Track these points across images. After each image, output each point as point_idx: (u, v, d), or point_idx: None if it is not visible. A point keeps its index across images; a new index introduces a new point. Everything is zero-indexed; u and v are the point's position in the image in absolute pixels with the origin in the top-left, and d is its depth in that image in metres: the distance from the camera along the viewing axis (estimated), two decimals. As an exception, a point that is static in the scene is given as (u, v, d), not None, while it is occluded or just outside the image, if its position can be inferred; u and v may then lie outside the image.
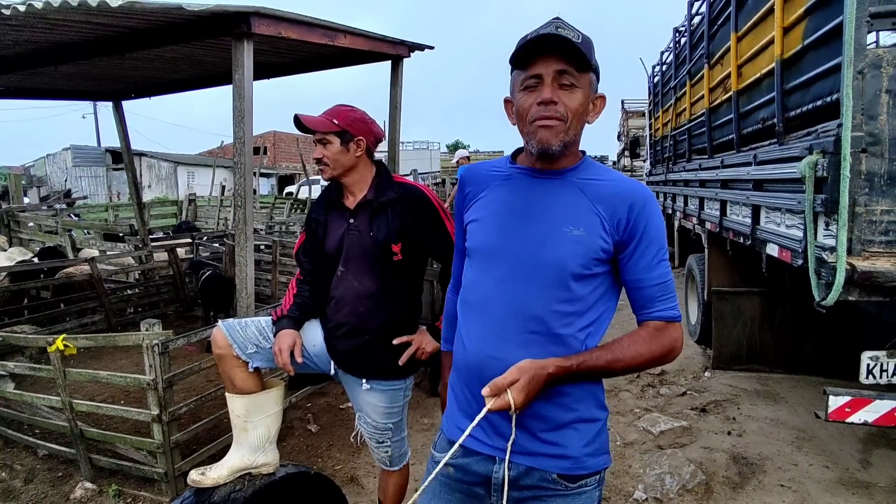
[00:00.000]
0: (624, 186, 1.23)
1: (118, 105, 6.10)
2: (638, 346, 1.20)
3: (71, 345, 3.00)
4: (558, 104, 1.16)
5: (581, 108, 1.18)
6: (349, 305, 1.95)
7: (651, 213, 1.21)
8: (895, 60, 2.20)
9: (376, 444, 2.12)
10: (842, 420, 2.44)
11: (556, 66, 1.15)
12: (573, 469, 1.22)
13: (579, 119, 1.20)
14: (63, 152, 27.17)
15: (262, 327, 2.00)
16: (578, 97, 1.17)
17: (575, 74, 1.16)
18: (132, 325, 5.92)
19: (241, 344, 1.94)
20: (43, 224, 9.44)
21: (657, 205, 1.25)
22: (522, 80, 1.19)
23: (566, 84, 1.16)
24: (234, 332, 1.95)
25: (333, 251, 1.97)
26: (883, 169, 2.24)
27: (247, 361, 1.95)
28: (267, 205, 14.52)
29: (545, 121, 1.17)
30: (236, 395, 1.98)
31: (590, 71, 1.19)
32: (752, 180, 3.38)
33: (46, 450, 3.44)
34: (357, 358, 2.00)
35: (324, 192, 2.11)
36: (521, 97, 1.20)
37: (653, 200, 1.23)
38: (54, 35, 3.32)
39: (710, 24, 4.71)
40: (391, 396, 2.03)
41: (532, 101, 1.18)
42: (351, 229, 1.94)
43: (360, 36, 3.82)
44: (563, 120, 1.17)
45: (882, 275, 2.15)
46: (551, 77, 1.16)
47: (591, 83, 1.20)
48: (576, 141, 1.23)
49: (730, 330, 4.41)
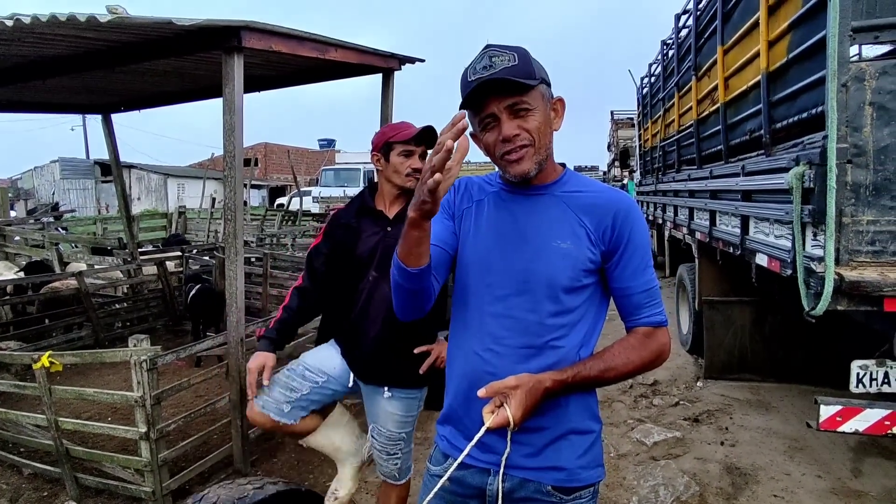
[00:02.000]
0: (607, 197, 1.25)
1: (107, 118, 6.06)
2: (629, 353, 1.22)
3: (57, 362, 2.95)
4: (520, 134, 1.18)
5: (542, 125, 1.20)
6: (380, 310, 1.98)
7: (634, 220, 1.23)
8: (878, 73, 2.24)
9: (387, 455, 2.12)
10: (833, 429, 2.45)
11: (504, 102, 1.17)
12: (567, 481, 1.23)
13: (545, 134, 1.21)
14: (51, 164, 26.92)
15: (283, 381, 2.08)
16: (537, 117, 1.19)
17: (525, 100, 1.17)
18: (120, 340, 5.84)
19: (276, 410, 2.03)
20: (29, 238, 9.33)
21: (640, 212, 1.27)
22: (480, 121, 1.22)
23: (520, 111, 1.18)
24: (266, 403, 2.04)
25: (366, 256, 2.01)
26: (868, 180, 2.27)
27: None
28: (258, 217, 14.47)
29: (513, 154, 1.19)
30: (307, 438, 2.12)
31: (537, 86, 1.18)
32: (740, 191, 3.42)
33: (31, 469, 3.36)
34: (382, 364, 2.03)
35: (356, 199, 2.16)
36: (484, 136, 1.23)
37: (635, 208, 1.26)
38: (43, 49, 3.30)
39: (697, 37, 4.79)
40: (408, 405, 2.07)
41: (495, 139, 1.20)
42: (389, 236, 1.99)
43: (350, 49, 3.83)
44: (530, 144, 1.19)
45: (869, 284, 2.17)
46: (505, 113, 1.18)
47: (543, 95, 1.21)
48: (549, 154, 1.25)
49: (721, 339, 4.43)
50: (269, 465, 3.44)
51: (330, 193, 18.94)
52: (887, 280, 2.16)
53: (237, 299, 3.15)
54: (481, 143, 1.26)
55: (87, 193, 26.95)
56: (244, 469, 3.26)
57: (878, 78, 2.24)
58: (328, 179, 20.86)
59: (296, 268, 6.69)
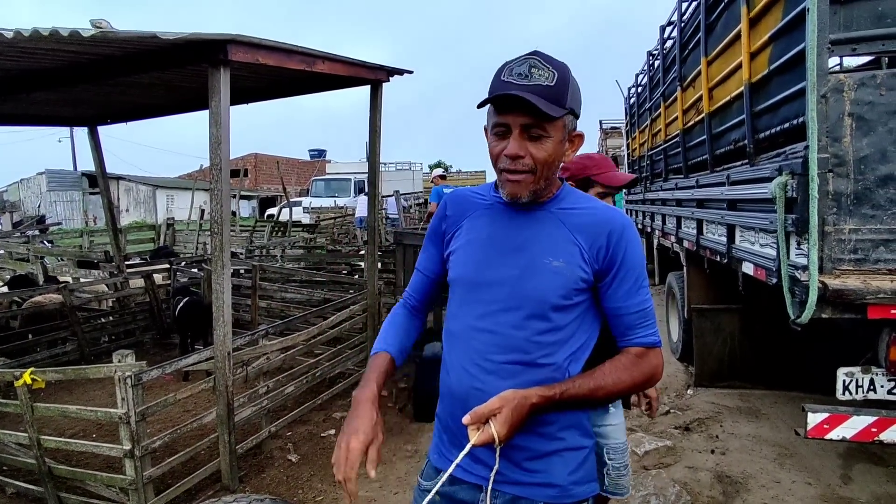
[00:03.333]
0: (602, 215, 1.23)
1: (94, 131, 6.02)
2: (619, 373, 1.20)
3: (39, 379, 2.90)
4: (525, 157, 1.15)
5: (551, 156, 1.16)
6: None
7: (629, 240, 1.22)
8: (856, 85, 2.28)
9: (625, 468, 2.06)
10: (821, 437, 2.46)
11: (521, 119, 1.13)
12: (559, 497, 1.22)
13: (550, 167, 1.18)
14: (38, 176, 26.64)
15: None
16: (548, 147, 1.15)
17: (543, 126, 1.13)
18: (107, 355, 5.75)
19: None
20: (14, 251, 9.20)
21: (636, 232, 1.26)
22: (493, 125, 1.19)
23: (535, 136, 1.15)
24: None
25: None
26: (849, 189, 2.30)
27: None
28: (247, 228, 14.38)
29: (512, 175, 1.17)
30: None
31: (562, 116, 1.14)
32: (726, 200, 3.45)
33: (14, 488, 3.29)
34: None
35: None
36: (491, 141, 1.20)
37: (631, 228, 1.24)
38: (26, 62, 3.27)
39: (682, 49, 4.85)
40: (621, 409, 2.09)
41: (500, 149, 1.17)
42: None
43: (338, 62, 3.84)
44: (531, 172, 1.16)
45: (853, 292, 2.20)
46: (518, 130, 1.14)
47: (564, 127, 1.17)
48: (549, 184, 1.22)
49: (710, 347, 4.44)
50: (257, 482, 3.40)
51: (321, 204, 18.91)
52: (870, 288, 2.18)
53: (224, 313, 3.12)
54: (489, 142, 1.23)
55: (75, 205, 26.67)
56: (232, 485, 3.21)
57: (857, 89, 2.28)
58: (319, 190, 20.85)
59: (285, 279, 6.65)
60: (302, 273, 7.01)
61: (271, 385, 3.75)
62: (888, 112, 2.26)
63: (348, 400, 4.55)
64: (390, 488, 3.28)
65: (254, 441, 3.58)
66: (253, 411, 3.53)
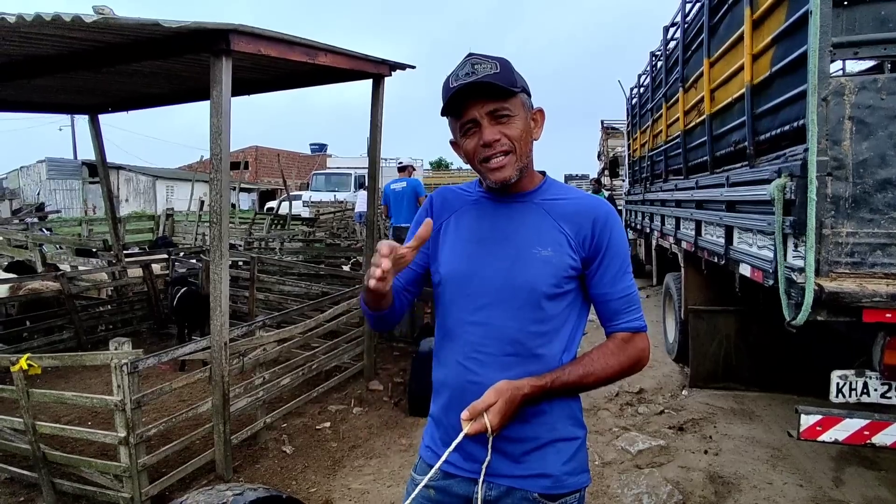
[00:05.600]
0: (586, 203, 1.27)
1: (94, 119, 6.01)
2: (608, 359, 1.22)
3: (35, 364, 2.90)
4: (500, 139, 1.19)
5: (523, 132, 1.21)
6: None
7: (613, 226, 1.25)
8: (856, 88, 2.28)
9: None
10: (813, 439, 2.47)
11: (485, 107, 1.18)
12: (553, 488, 1.23)
13: (525, 142, 1.23)
14: (38, 164, 26.56)
15: None
16: (518, 124, 1.20)
17: (506, 107, 1.19)
18: (103, 343, 5.75)
19: None
20: (12, 238, 9.19)
21: (619, 219, 1.29)
22: (461, 127, 1.23)
23: (502, 117, 1.19)
24: None
25: None
26: (847, 192, 2.31)
27: None
28: (247, 220, 14.37)
29: (494, 160, 1.20)
30: None
31: (518, 94, 1.20)
32: (725, 201, 3.45)
33: (8, 473, 3.30)
34: None
35: None
36: (464, 142, 1.24)
37: (614, 215, 1.27)
38: (29, 48, 3.27)
39: (685, 50, 4.85)
40: None
41: (475, 144, 1.21)
42: None
43: (341, 55, 3.84)
44: (511, 151, 1.20)
45: (848, 295, 2.20)
46: (486, 119, 1.19)
47: (523, 104, 1.22)
48: (529, 162, 1.26)
49: (706, 348, 4.45)
50: (251, 472, 3.41)
51: (320, 198, 18.88)
52: (866, 291, 2.19)
53: (222, 302, 3.13)
54: (461, 151, 1.27)
55: (74, 194, 26.62)
56: (226, 475, 3.22)
57: (858, 93, 2.28)
58: (319, 184, 20.81)
59: (283, 272, 6.66)
60: (300, 266, 7.01)
61: (267, 376, 3.75)
62: (889, 116, 2.26)
63: (344, 393, 4.58)
64: (384, 481, 3.30)
65: (249, 432, 3.59)
66: (248, 402, 3.54)
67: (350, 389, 4.64)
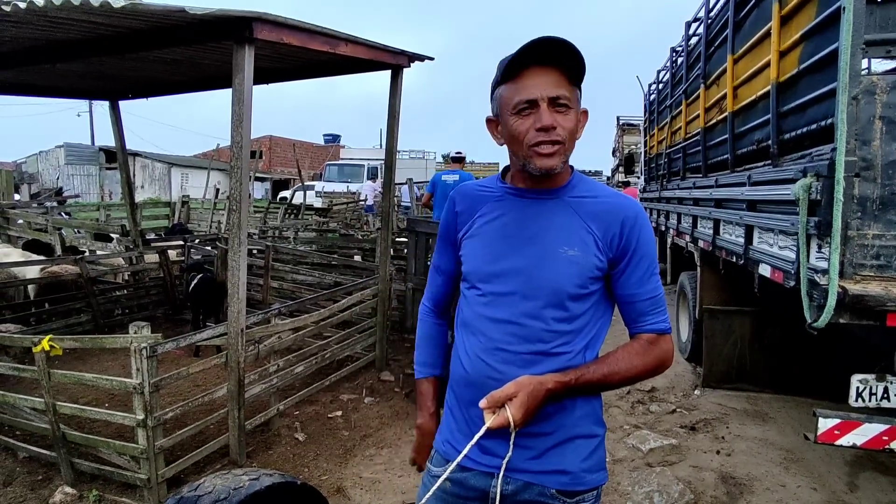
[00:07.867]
0: (615, 203, 1.25)
1: (115, 105, 6.07)
2: (632, 359, 1.22)
3: (57, 346, 2.96)
4: (557, 128, 1.17)
5: (575, 128, 1.20)
6: None
7: (642, 227, 1.23)
8: (888, 87, 2.24)
9: None
10: (830, 442, 2.44)
11: (550, 90, 1.15)
12: (572, 485, 1.23)
13: (574, 138, 1.21)
14: (56, 150, 26.92)
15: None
16: (572, 118, 1.19)
17: (567, 96, 1.16)
18: (120, 327, 5.84)
19: None
20: (32, 222, 9.33)
21: (647, 219, 1.27)
22: (515, 105, 1.18)
23: (561, 106, 1.17)
24: None
25: None
26: (875, 194, 2.27)
27: None
28: (261, 209, 14.45)
29: (547, 147, 1.17)
30: None
31: (579, 85, 1.19)
32: (745, 200, 3.41)
33: (27, 452, 3.37)
34: None
35: None
36: (514, 121, 1.19)
37: (643, 215, 1.25)
38: (54, 33, 3.30)
39: (707, 46, 4.77)
40: None
41: (528, 126, 1.17)
42: None
43: (360, 45, 3.83)
44: (562, 142, 1.18)
45: (872, 298, 2.17)
46: (545, 104, 1.16)
47: (578, 99, 1.21)
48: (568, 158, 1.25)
49: (720, 348, 4.42)
50: (265, 457, 3.45)
51: (333, 189, 18.93)
52: (891, 295, 2.16)
53: (239, 290, 3.16)
54: (502, 129, 1.23)
55: (91, 180, 26.95)
56: (240, 460, 3.26)
57: (889, 92, 2.23)
58: (332, 175, 20.86)
59: (297, 261, 6.70)
60: (314, 255, 7.05)
61: (281, 364, 3.79)
62: (921, 117, 2.22)
63: (356, 383, 4.61)
64: (395, 471, 3.32)
65: (262, 418, 3.63)
66: (262, 389, 3.58)
67: (362, 379, 4.67)
